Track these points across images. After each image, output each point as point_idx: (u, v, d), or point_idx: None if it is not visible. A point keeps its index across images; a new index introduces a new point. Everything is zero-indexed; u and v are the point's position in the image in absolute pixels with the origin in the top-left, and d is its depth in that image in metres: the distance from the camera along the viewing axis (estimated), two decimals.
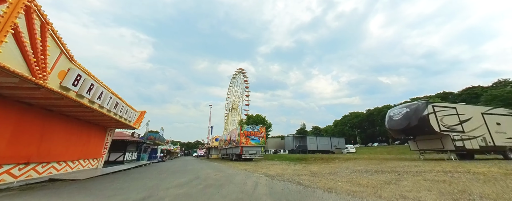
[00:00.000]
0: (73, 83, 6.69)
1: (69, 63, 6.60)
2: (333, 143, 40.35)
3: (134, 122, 13.91)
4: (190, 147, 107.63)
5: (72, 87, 6.73)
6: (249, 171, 9.63)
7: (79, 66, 6.89)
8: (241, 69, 57.36)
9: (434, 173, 6.51)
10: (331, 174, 7.53)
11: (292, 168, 10.78)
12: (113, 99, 9.65)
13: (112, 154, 17.45)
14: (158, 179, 7.91)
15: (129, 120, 12.49)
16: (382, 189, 4.39)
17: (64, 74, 6.43)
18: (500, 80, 48.84)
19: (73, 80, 6.67)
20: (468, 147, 12.41)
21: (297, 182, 5.86)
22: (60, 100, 6.93)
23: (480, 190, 3.93)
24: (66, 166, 9.43)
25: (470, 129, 12.94)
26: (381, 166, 10.05)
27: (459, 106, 13.71)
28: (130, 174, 10.41)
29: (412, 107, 13.42)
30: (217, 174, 8.88)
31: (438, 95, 55.96)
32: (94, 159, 12.13)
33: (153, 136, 28.12)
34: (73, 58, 6.60)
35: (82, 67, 7.07)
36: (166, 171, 11.98)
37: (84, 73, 7.24)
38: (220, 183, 6.35)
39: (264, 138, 22.35)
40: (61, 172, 9.01)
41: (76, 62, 6.78)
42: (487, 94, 38.18)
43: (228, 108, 61.22)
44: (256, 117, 36.13)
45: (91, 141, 11.43)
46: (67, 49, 6.34)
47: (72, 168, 9.92)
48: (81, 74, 6.95)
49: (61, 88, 6.34)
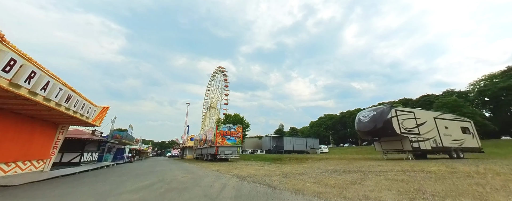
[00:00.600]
0: (3, 69, 5.52)
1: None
2: (308, 144, 41.87)
3: (94, 119, 12.36)
4: (164, 147, 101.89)
5: (3, 73, 5.55)
6: (221, 172, 9.22)
7: (13, 48, 5.71)
8: (221, 67, 56.08)
9: (394, 172, 6.95)
10: (302, 174, 7.56)
11: (266, 168, 10.66)
12: (64, 91, 8.35)
13: (66, 154, 15.33)
14: (115, 183, 7.03)
15: (86, 116, 11.00)
16: (347, 190, 4.43)
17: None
18: (448, 90, 56.42)
19: (4, 65, 5.50)
20: (422, 148, 13.80)
21: (266, 184, 5.68)
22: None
23: (432, 188, 4.20)
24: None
25: (425, 131, 14.43)
26: (349, 166, 10.52)
27: (416, 111, 15.21)
28: (84, 178, 9.17)
29: (378, 111, 14.45)
30: (185, 176, 8.27)
31: (400, 101, 62.26)
32: (38, 161, 10.39)
33: (119, 134, 25.69)
34: (4, 38, 5.43)
35: (17, 50, 5.89)
36: (129, 173, 10.87)
37: (22, 58, 6.05)
38: (185, 186, 5.85)
39: (241, 138, 22.01)
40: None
41: (10, 43, 5.60)
42: (438, 101, 43.69)
43: (206, 107, 59.33)
44: (234, 117, 35.58)
45: (35, 139, 9.76)
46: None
47: (5, 171, 8.29)
48: (16, 58, 5.78)
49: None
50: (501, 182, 4.59)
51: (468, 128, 16.68)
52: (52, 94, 7.77)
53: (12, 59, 5.67)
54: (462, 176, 5.58)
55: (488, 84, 46.30)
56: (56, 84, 7.87)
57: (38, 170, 10.37)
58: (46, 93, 7.45)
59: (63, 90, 8.32)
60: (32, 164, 9.94)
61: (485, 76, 49.59)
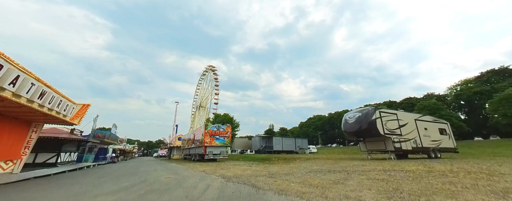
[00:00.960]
0: None
1: None
2: (297, 144, 42.42)
3: (72, 117, 11.63)
4: (151, 147, 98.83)
5: None
6: (207, 173, 9.04)
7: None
8: (212, 66, 55.37)
9: (376, 172, 7.18)
10: (288, 174, 7.60)
11: (253, 168, 10.62)
12: (37, 87, 7.77)
13: (40, 154, 14.34)
14: (92, 185, 6.65)
15: (63, 114, 10.32)
16: (329, 190, 4.49)
17: None
18: (428, 94, 59.77)
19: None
20: (404, 148, 14.44)
21: (251, 184, 5.63)
22: None
23: (409, 187, 4.37)
24: None
25: (406, 132, 15.11)
26: (334, 165, 10.75)
27: (399, 113, 15.89)
28: (59, 179, 8.63)
29: (363, 112, 14.93)
30: (169, 177, 8.02)
31: (385, 103, 64.90)
32: (7, 162, 9.59)
33: (101, 133, 24.48)
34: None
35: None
36: (110, 174, 10.37)
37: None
38: (167, 187, 5.65)
39: (230, 138, 21.83)
40: None
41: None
42: (419, 104, 46.10)
43: (195, 106, 58.29)
44: (223, 116, 35.22)
45: (4, 138, 8.99)
46: None
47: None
48: None
49: None
50: (471, 181, 4.87)
51: (445, 130, 17.69)
52: (23, 90, 7.19)
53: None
54: (437, 175, 5.87)
55: (463, 89, 49.57)
56: (28, 79, 7.30)
57: (6, 172, 9.57)
58: (16, 88, 6.89)
59: (36, 86, 7.73)
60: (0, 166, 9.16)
61: (461, 81, 53.09)
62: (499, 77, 47.66)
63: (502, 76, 47.36)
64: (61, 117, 10.27)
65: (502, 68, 48.22)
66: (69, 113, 10.89)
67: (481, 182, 4.68)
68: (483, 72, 50.65)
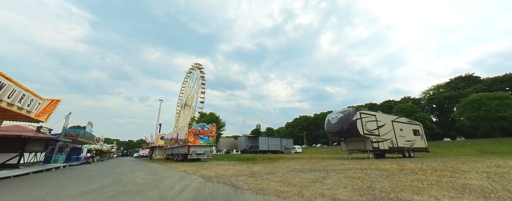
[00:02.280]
0: None
1: None
2: (283, 144, 42.98)
3: (38, 113, 10.62)
4: (132, 147, 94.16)
5: None
6: (187, 173, 8.75)
7: None
8: (199, 64, 54.11)
9: (354, 170, 7.44)
10: (270, 173, 7.60)
11: (236, 168, 10.49)
12: (8, 86, 6.97)
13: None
14: (56, 187, 6.09)
15: (27, 110, 9.37)
16: (307, 188, 4.53)
17: None
18: (405, 97, 63.90)
19: None
20: (381, 148, 15.21)
21: (230, 184, 5.52)
22: None
23: (381, 185, 4.56)
24: None
25: (384, 133, 15.95)
26: (316, 165, 10.99)
27: (378, 114, 16.73)
28: (19, 182, 7.82)
29: (345, 113, 15.49)
30: (146, 178, 7.62)
31: (366, 105, 68.23)
32: None
33: (74, 132, 22.80)
34: None
35: None
36: (81, 175, 9.63)
37: None
38: (141, 188, 5.34)
39: (215, 138, 21.46)
40: None
41: None
42: (397, 106, 49.11)
43: (180, 105, 56.55)
44: (209, 116, 34.56)
45: None
46: None
47: None
48: None
49: None
50: (436, 178, 5.21)
51: (418, 130, 18.97)
52: (5, 95, 6.42)
53: None
54: (408, 173, 6.22)
55: (435, 93, 53.74)
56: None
57: None
58: None
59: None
60: None
61: (434, 86, 57.51)
62: (466, 83, 52.47)
63: (467, 83, 52.22)
64: (23, 113, 9.32)
65: (468, 75, 53.29)
66: (33, 109, 9.93)
67: (445, 179, 5.03)
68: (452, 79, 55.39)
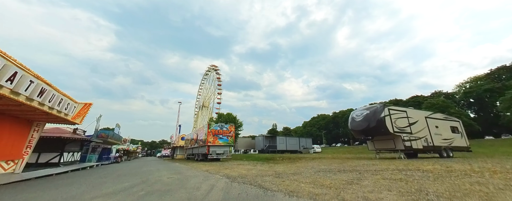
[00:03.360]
0: None
1: None
2: (301, 143, 41.88)
3: (74, 116, 11.47)
4: (154, 147, 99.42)
5: None
6: (210, 173, 8.71)
7: None
8: (214, 65, 55.24)
9: (390, 171, 6.73)
10: (296, 174, 7.21)
11: (258, 168, 10.25)
12: (36, 84, 7.57)
13: (43, 154, 14.26)
14: (91, 185, 6.39)
15: (65, 113, 10.16)
16: (344, 191, 4.09)
17: None
18: (436, 91, 58.40)
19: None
20: (414, 147, 13.85)
21: (258, 185, 5.26)
22: None
23: (434, 189, 3.94)
24: None
25: (416, 131, 14.51)
26: (343, 165, 10.30)
27: (409, 110, 15.29)
28: (60, 180, 8.41)
29: (371, 110, 14.40)
30: (171, 177, 7.71)
31: (391, 102, 63.76)
32: (8, 162, 9.45)
33: (105, 133, 24.50)
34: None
35: None
36: (112, 174, 10.14)
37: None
38: (169, 188, 5.33)
39: (233, 137, 21.51)
40: None
41: None
42: (427, 102, 45.01)
43: (198, 106, 58.24)
44: (227, 116, 34.96)
45: (4, 138, 8.85)
46: None
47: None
48: None
49: None
50: (502, 181, 4.40)
51: (457, 128, 16.99)
52: (21, 87, 7.00)
53: None
54: (460, 175, 5.40)
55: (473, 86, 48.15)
56: (26, 76, 7.10)
57: (7, 172, 9.43)
58: (14, 85, 6.69)
59: (35, 83, 7.54)
60: (0, 166, 9.00)
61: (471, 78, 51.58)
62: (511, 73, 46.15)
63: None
64: (62, 116, 10.10)
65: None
66: (70, 112, 10.73)
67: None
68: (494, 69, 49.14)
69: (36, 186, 6.68)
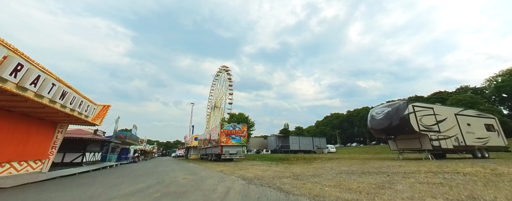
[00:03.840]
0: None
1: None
2: (315, 143, 40.75)
3: (94, 117, 11.88)
4: (169, 147, 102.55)
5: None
6: (225, 173, 8.50)
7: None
8: (225, 66, 55.60)
9: (423, 174, 6.04)
10: (316, 176, 6.75)
11: (273, 169, 9.88)
12: (58, 87, 7.83)
13: (67, 154, 15.01)
14: (109, 185, 6.42)
15: (85, 115, 10.52)
16: (378, 196, 3.60)
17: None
18: (462, 87, 54.01)
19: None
20: (443, 147, 12.68)
21: (277, 188, 4.91)
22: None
23: (491, 196, 3.33)
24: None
25: (445, 129, 13.28)
26: (365, 166, 9.61)
27: (436, 107, 14.06)
28: (81, 179, 8.65)
29: (393, 107, 13.41)
30: (186, 178, 7.60)
31: (411, 98, 60.06)
32: (36, 161, 9.97)
33: (123, 134, 25.45)
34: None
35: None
36: (129, 174, 10.32)
37: (5, 48, 5.50)
38: (184, 189, 5.15)
39: (246, 137, 21.31)
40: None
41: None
42: (452, 98, 41.70)
43: (210, 107, 58.99)
44: (239, 116, 34.93)
45: (32, 139, 9.32)
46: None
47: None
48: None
49: None
50: None
51: (492, 125, 15.36)
52: (44, 90, 7.26)
53: None
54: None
55: (506, 80, 43.79)
56: (49, 79, 7.34)
57: (35, 171, 9.95)
58: (37, 88, 6.94)
59: (56, 86, 7.79)
60: (29, 165, 9.51)
61: (503, 71, 46.94)
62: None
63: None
64: (83, 118, 10.45)
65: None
66: (90, 114, 11.10)
67: None
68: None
69: (59, 185, 6.87)
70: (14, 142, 8.33)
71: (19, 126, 8.56)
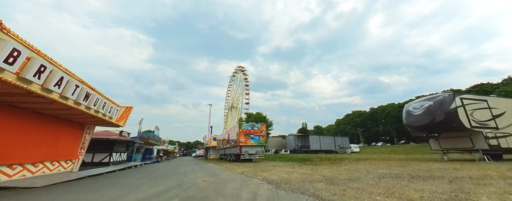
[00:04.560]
0: (6, 60, 4.98)
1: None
2: (337, 143, 38.53)
3: (118, 119, 12.16)
4: (190, 147, 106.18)
5: (6, 66, 5.02)
6: (247, 176, 7.87)
7: (15, 37, 5.16)
8: (241, 66, 55.38)
9: (501, 180, 4.73)
10: (353, 180, 5.77)
11: (299, 171, 9.01)
12: (81, 89, 7.93)
13: (97, 154, 15.76)
14: (129, 187, 6.18)
15: (109, 116, 10.72)
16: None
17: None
18: (510, 77, 46.92)
19: (7, 55, 4.96)
20: (503, 146, 10.61)
21: (312, 194, 4.10)
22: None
23: None
24: (23, 170, 7.69)
25: (505, 125, 11.13)
26: (408, 168, 8.26)
27: (490, 99, 11.90)
28: (105, 179, 8.71)
29: (436, 100, 11.62)
30: (206, 180, 7.12)
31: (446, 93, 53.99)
32: (67, 161, 10.39)
33: (146, 135, 26.43)
34: (4, 26, 4.85)
35: (21, 40, 5.34)
36: (151, 174, 10.25)
37: (28, 49, 5.51)
38: (205, 194, 4.60)
39: (265, 137, 20.60)
40: (14, 178, 7.27)
41: (11, 32, 5.05)
42: (500, 90, 36.30)
43: (227, 107, 59.40)
44: (256, 115, 34.37)
45: (61, 139, 9.70)
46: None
47: (33, 172, 8.18)
48: (20, 49, 5.22)
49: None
50: None
51: None
52: (68, 92, 7.35)
53: (15, 49, 5.12)
54: None
55: None
56: (72, 81, 7.42)
57: (67, 170, 10.38)
58: (61, 90, 7.02)
59: (80, 88, 7.88)
60: (61, 165, 9.92)
61: None
62: None
63: None
64: (107, 119, 10.64)
65: None
66: (113, 115, 11.29)
67: None
68: None
69: (83, 186, 6.85)
70: (45, 143, 8.67)
71: (50, 128, 8.90)
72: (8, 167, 6.99)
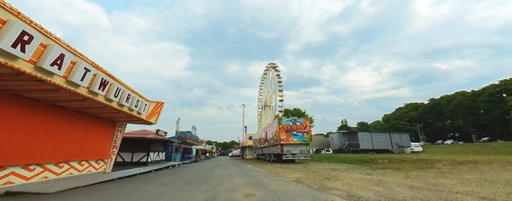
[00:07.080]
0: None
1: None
2: (394, 140, 31.89)
3: (148, 115, 11.05)
4: (226, 147, 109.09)
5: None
6: (311, 187, 5.15)
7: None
8: (273, 63, 52.60)
9: None
10: None
11: (385, 179, 5.80)
12: (112, 85, 6.86)
13: (136, 154, 15.50)
14: (147, 196, 4.23)
15: (137, 111, 9.50)
16: None
17: None
18: None
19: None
20: None
21: None
22: None
23: None
24: (44, 172, 6.78)
25: None
26: None
27: None
28: (131, 183, 7.33)
29: None
30: (251, 194, 4.70)
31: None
32: (98, 161, 9.62)
33: (184, 135, 26.40)
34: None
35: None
36: (180, 179, 8.53)
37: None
38: None
39: (310, 134, 17.38)
40: (33, 181, 6.34)
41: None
42: None
43: (261, 106, 57.52)
44: (294, 111, 31.05)
45: (90, 137, 8.86)
46: None
47: (57, 174, 7.30)
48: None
49: None
50: None
51: None
52: (111, 93, 6.65)
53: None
54: None
55: None
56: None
57: (99, 171, 9.61)
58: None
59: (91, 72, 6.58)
60: (91, 165, 9.14)
61: None
62: None
63: None
64: (135, 115, 9.45)
65: None
66: (142, 110, 10.07)
67: None
68: None
69: (103, 191, 5.43)
70: (71, 141, 7.81)
71: (74, 123, 8.04)
72: (23, 168, 6.05)
